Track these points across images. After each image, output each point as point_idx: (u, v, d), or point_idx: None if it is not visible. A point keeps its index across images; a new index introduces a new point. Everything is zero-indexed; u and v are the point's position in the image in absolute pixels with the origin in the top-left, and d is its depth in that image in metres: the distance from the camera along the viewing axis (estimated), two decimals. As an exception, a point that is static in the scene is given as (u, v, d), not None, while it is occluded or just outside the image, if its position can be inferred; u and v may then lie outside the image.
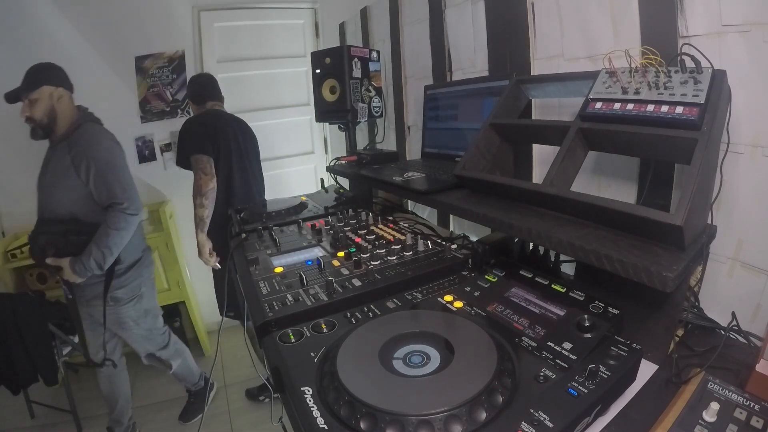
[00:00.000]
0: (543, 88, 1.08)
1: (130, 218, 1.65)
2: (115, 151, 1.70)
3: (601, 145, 0.87)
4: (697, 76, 0.71)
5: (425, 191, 1.13)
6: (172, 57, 2.72)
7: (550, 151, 1.13)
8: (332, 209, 1.47)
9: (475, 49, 1.45)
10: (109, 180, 1.62)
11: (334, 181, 1.87)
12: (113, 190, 1.62)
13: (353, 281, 0.88)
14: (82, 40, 2.50)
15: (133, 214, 1.66)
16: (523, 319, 0.72)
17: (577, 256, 0.71)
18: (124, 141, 2.71)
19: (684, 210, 0.61)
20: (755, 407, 0.58)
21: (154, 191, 2.86)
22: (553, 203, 0.84)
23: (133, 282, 1.83)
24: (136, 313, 1.88)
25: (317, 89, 1.90)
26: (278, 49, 3.01)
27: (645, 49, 0.83)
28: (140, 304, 1.89)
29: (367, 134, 2.35)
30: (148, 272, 1.94)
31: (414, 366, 0.61)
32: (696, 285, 0.84)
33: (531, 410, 0.51)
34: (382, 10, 2.03)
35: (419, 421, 0.49)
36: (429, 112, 1.58)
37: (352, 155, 1.75)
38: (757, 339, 0.77)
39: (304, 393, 0.56)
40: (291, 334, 0.70)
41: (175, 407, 2.38)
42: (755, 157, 0.77)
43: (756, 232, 0.79)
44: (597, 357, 0.60)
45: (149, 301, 1.96)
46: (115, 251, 1.65)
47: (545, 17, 1.15)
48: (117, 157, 1.70)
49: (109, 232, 1.61)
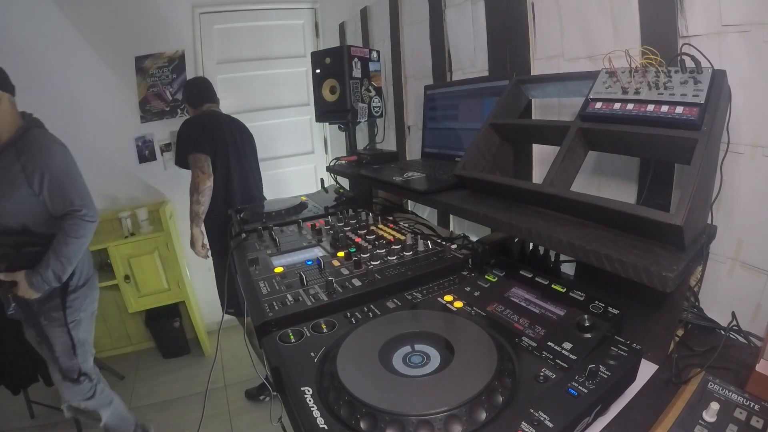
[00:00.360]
0: (543, 88, 1.08)
1: (89, 225, 1.57)
2: (68, 158, 1.58)
3: (601, 145, 0.87)
4: (697, 76, 0.71)
5: (425, 191, 1.13)
6: (172, 57, 2.72)
7: (550, 151, 1.13)
8: (332, 209, 1.47)
9: (475, 49, 1.45)
10: (66, 188, 1.53)
11: (334, 181, 1.87)
12: (70, 198, 1.53)
13: (353, 281, 0.88)
14: (82, 40, 2.50)
15: (91, 221, 1.58)
16: (523, 319, 0.72)
17: (577, 256, 0.71)
18: (124, 141, 2.75)
19: (684, 210, 0.61)
20: (755, 407, 0.57)
21: (154, 191, 2.86)
22: (553, 203, 0.84)
23: (76, 303, 1.67)
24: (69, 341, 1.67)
25: (317, 89, 1.90)
26: (278, 49, 3.01)
27: (645, 49, 0.83)
28: (77, 332, 1.68)
29: (367, 134, 2.35)
30: (92, 297, 1.77)
31: (414, 366, 0.61)
32: (696, 285, 0.84)
33: (531, 410, 0.51)
34: (382, 10, 2.03)
35: (419, 421, 0.49)
36: (429, 112, 1.58)
37: (352, 155, 1.75)
38: (757, 339, 0.77)
39: (304, 393, 0.56)
40: (291, 334, 0.70)
41: (175, 407, 2.39)
42: (755, 157, 0.77)
43: (756, 232, 0.79)
44: (597, 357, 0.60)
45: (85, 333, 1.74)
46: (74, 261, 1.56)
47: (545, 17, 1.15)
48: (71, 163, 1.59)
49: (68, 240, 1.52)
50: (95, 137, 2.65)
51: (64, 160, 1.56)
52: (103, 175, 2.73)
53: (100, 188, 2.75)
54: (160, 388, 2.56)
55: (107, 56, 2.58)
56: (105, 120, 2.66)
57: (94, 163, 2.67)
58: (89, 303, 1.75)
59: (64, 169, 1.54)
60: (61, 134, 2.53)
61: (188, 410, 2.34)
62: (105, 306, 2.84)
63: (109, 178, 2.75)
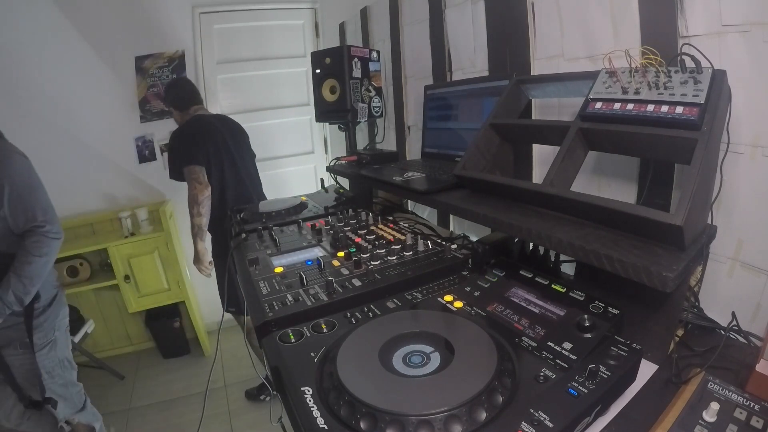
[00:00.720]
0: (543, 88, 1.08)
1: (53, 242, 1.46)
2: (30, 170, 1.46)
3: (601, 145, 0.87)
4: (697, 76, 0.71)
5: (425, 191, 1.13)
6: (172, 57, 2.72)
7: (550, 151, 1.13)
8: (332, 209, 1.47)
9: (475, 49, 1.45)
10: (28, 202, 1.41)
11: (334, 181, 1.87)
12: (32, 213, 1.41)
13: (353, 281, 0.88)
14: (82, 40, 2.50)
15: (55, 238, 1.46)
16: (523, 319, 0.72)
17: (577, 256, 0.71)
18: (124, 141, 2.75)
19: (684, 210, 0.61)
20: (755, 407, 0.57)
21: (154, 191, 2.87)
22: (553, 203, 0.84)
23: (47, 324, 1.56)
24: (50, 362, 1.57)
25: (317, 89, 1.90)
26: (278, 49, 3.01)
27: (645, 49, 0.83)
28: (54, 352, 1.59)
29: (367, 134, 2.35)
30: (63, 313, 1.66)
31: (414, 366, 0.61)
32: (696, 285, 0.84)
33: (531, 410, 0.51)
34: (382, 10, 2.03)
35: (419, 421, 0.49)
36: (429, 112, 1.58)
37: (352, 155, 1.75)
38: (757, 339, 0.77)
39: (304, 393, 0.56)
40: (291, 334, 0.70)
41: (175, 407, 2.39)
42: (755, 157, 0.77)
43: (756, 232, 0.79)
44: (597, 357, 0.60)
45: (63, 350, 1.65)
46: (36, 282, 1.44)
47: (545, 17, 1.15)
48: (33, 176, 1.47)
49: (30, 259, 1.40)
50: (95, 137, 2.66)
51: (27, 172, 1.44)
52: (103, 175, 2.74)
53: (100, 188, 2.76)
54: (160, 388, 2.56)
55: (107, 56, 2.58)
56: (105, 120, 2.66)
57: (94, 163, 2.69)
58: (61, 319, 1.65)
59: (26, 182, 1.42)
60: (61, 134, 2.57)
61: (188, 410, 2.34)
62: (105, 306, 2.86)
63: (109, 178, 2.75)
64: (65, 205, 2.67)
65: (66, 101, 2.54)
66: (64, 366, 1.65)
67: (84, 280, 2.59)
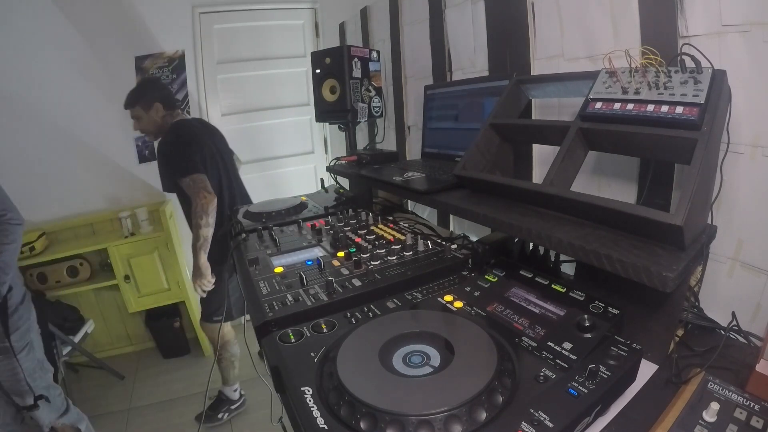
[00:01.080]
0: (543, 88, 1.08)
1: (17, 228, 1.50)
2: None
3: (601, 145, 0.87)
4: (697, 76, 0.71)
5: (425, 191, 1.13)
6: (172, 57, 2.72)
7: (550, 151, 1.13)
8: (332, 209, 1.47)
9: (475, 49, 1.45)
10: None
11: (334, 181, 1.87)
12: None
13: (353, 281, 0.88)
14: (81, 40, 2.50)
15: (18, 224, 1.51)
16: (523, 319, 0.72)
17: (577, 256, 0.71)
18: (124, 141, 2.75)
19: (684, 210, 0.62)
20: (755, 407, 0.58)
21: (154, 191, 2.86)
22: (553, 203, 0.84)
23: (22, 324, 1.57)
24: (30, 364, 1.58)
25: (317, 89, 1.90)
26: (278, 49, 3.01)
27: (645, 49, 0.83)
28: (33, 354, 1.60)
29: (367, 134, 2.35)
30: (33, 315, 1.67)
31: (414, 366, 0.61)
32: (696, 285, 0.84)
33: (531, 410, 0.51)
34: (382, 10, 2.03)
35: (419, 421, 0.49)
36: (429, 112, 1.58)
37: (352, 155, 1.75)
38: (757, 339, 0.77)
39: (304, 393, 0.56)
40: (291, 334, 0.70)
41: (175, 407, 2.38)
42: (755, 157, 0.77)
43: (756, 232, 0.79)
44: (597, 357, 0.60)
45: (39, 352, 1.66)
46: (8, 270, 1.48)
47: (545, 17, 1.15)
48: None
49: (1, 248, 1.45)
50: (95, 137, 2.65)
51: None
52: (103, 175, 2.74)
53: (100, 188, 2.76)
54: (160, 388, 2.56)
55: (107, 56, 2.58)
56: (105, 120, 2.66)
57: (94, 163, 2.69)
58: (33, 321, 1.66)
59: None
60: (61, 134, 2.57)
61: (188, 410, 2.34)
62: (105, 306, 2.85)
63: (109, 178, 2.75)
64: (65, 205, 2.68)
65: (66, 101, 2.53)
66: (43, 368, 1.67)
67: (84, 280, 2.59)
